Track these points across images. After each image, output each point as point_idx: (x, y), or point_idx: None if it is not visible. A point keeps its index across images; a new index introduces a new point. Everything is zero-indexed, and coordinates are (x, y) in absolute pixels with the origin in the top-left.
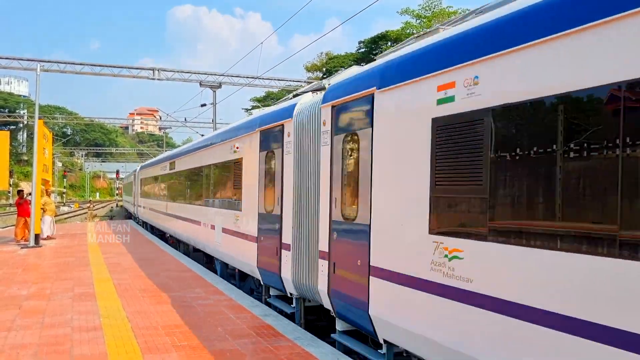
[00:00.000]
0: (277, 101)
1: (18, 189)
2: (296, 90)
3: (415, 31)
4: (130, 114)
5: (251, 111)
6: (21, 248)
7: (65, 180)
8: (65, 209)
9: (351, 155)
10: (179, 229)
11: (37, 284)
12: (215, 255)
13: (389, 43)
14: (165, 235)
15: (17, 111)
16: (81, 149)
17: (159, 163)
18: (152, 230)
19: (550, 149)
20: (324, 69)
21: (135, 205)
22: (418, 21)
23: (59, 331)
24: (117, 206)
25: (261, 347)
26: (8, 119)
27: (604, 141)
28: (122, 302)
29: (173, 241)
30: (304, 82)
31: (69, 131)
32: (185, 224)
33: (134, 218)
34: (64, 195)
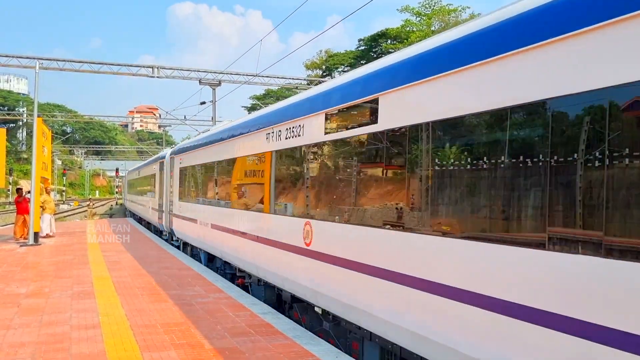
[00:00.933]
0: (278, 99)
1: (17, 187)
2: (296, 87)
3: (415, 29)
4: (129, 112)
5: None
6: (20, 246)
7: (64, 178)
8: (64, 207)
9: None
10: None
11: (36, 282)
12: None
13: (389, 41)
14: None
15: (17, 109)
16: (81, 147)
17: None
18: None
19: None
20: (324, 67)
21: (165, 211)
22: (418, 19)
23: (58, 329)
24: (117, 204)
25: (260, 345)
26: (7, 117)
27: None
28: (121, 300)
29: None
30: (304, 80)
31: (69, 129)
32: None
33: (160, 233)
34: (64, 193)
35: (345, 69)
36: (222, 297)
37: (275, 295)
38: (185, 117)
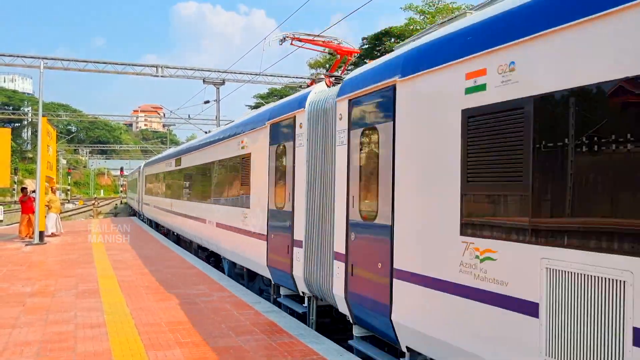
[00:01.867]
0: (282, 98)
1: (22, 187)
2: (300, 86)
3: (418, 27)
4: (134, 111)
5: (260, 106)
6: (25, 245)
7: (69, 177)
8: (69, 206)
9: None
10: None
11: (41, 281)
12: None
13: (392, 39)
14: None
15: (22, 109)
16: (85, 146)
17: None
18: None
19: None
20: (327, 66)
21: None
22: (422, 17)
23: (63, 328)
24: (121, 203)
25: (264, 344)
26: (12, 117)
27: None
28: (126, 299)
29: None
30: (308, 79)
31: (73, 128)
32: None
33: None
34: (69, 192)
35: (349, 68)
36: (226, 296)
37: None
38: (189, 116)
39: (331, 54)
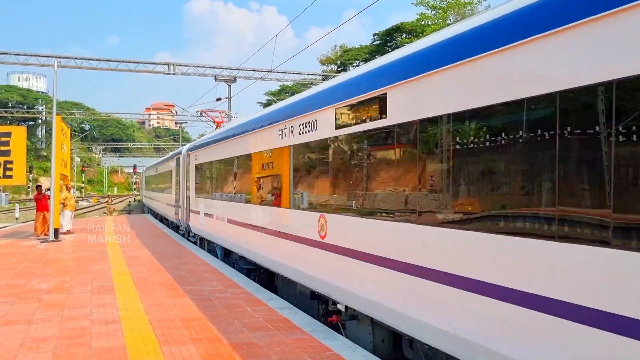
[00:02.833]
0: (292, 94)
1: (37, 184)
2: (311, 82)
3: (430, 22)
4: (146, 109)
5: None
6: (41, 242)
7: (83, 175)
8: (83, 204)
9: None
10: None
11: (57, 278)
12: None
13: (404, 35)
14: None
15: (36, 107)
16: (99, 144)
17: None
18: None
19: None
20: (339, 62)
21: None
22: (433, 12)
23: (79, 324)
24: (135, 200)
25: (277, 340)
26: (27, 115)
27: None
28: (140, 295)
29: None
30: (319, 76)
31: (87, 127)
32: None
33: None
34: (83, 190)
35: (360, 64)
36: (240, 292)
37: None
38: (201, 114)
39: (345, 51)
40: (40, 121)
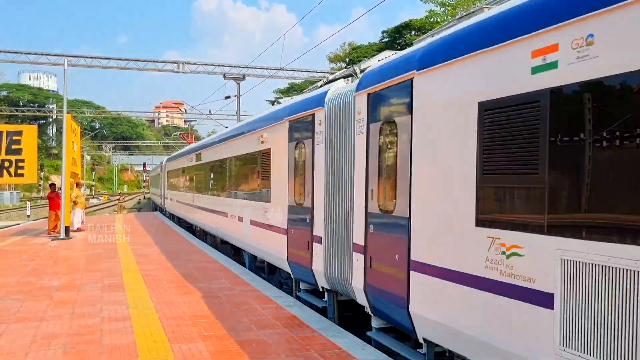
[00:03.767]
0: (303, 91)
1: (50, 183)
2: (320, 80)
3: (439, 19)
4: (156, 107)
5: (279, 100)
6: (52, 240)
7: (93, 173)
8: (94, 202)
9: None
10: None
11: (68, 275)
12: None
13: (413, 32)
14: None
15: (46, 106)
16: (109, 143)
17: None
18: None
19: None
20: (347, 60)
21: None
22: (442, 9)
23: (89, 321)
24: (144, 198)
25: (286, 338)
26: (38, 114)
27: None
28: (150, 293)
29: None
30: (327, 73)
31: (97, 125)
32: None
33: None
34: (93, 188)
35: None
36: (248, 290)
37: None
38: (210, 112)
39: (353, 49)
40: (51, 120)
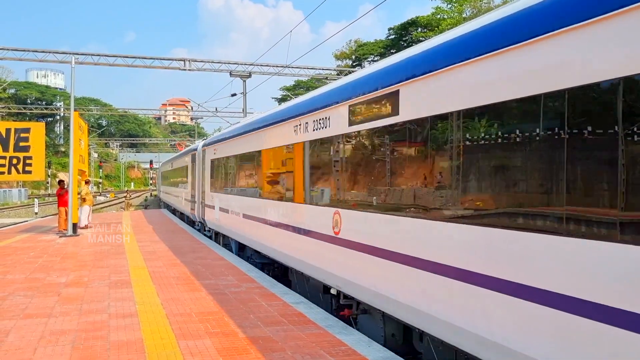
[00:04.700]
0: (308, 90)
1: (59, 180)
2: (326, 77)
3: (446, 16)
4: (162, 105)
5: (287, 98)
6: (59, 237)
7: (101, 170)
8: (101, 199)
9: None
10: None
11: (75, 272)
12: None
13: (419, 29)
14: None
15: (54, 104)
16: (116, 140)
17: None
18: None
19: None
20: (353, 57)
21: None
22: (449, 6)
23: (97, 317)
24: (151, 195)
25: (292, 334)
26: (45, 112)
27: None
28: (157, 290)
29: None
30: (333, 70)
31: (104, 122)
32: None
33: None
34: (100, 185)
35: (375, 59)
36: (255, 287)
37: None
38: (216, 109)
39: (360, 46)
40: (58, 117)
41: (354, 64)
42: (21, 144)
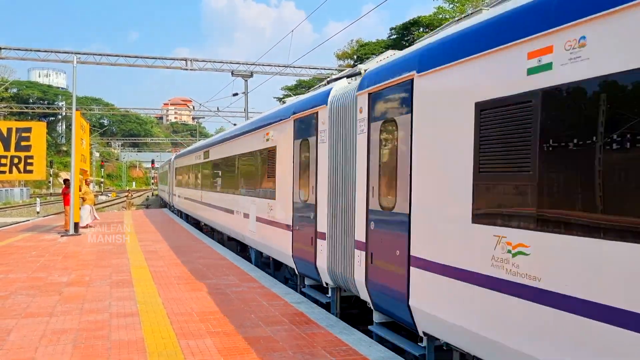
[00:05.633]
0: (309, 89)
1: (64, 179)
2: (328, 77)
3: (448, 16)
4: (164, 105)
5: (284, 99)
6: (61, 236)
7: (102, 170)
8: (102, 198)
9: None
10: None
11: (77, 271)
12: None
13: (421, 29)
14: None
15: (56, 103)
16: (117, 139)
17: None
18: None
19: None
20: (355, 57)
21: None
22: (451, 6)
23: (98, 317)
24: (153, 195)
25: (294, 334)
26: (47, 111)
27: None
28: (158, 289)
29: None
30: (335, 70)
31: (106, 122)
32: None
33: None
34: (102, 184)
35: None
36: (256, 287)
37: None
38: (218, 109)
39: (361, 46)
40: (60, 117)
41: (356, 64)
42: (22, 144)
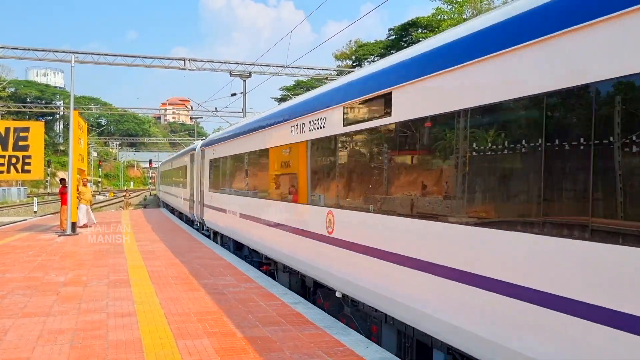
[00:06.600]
0: (308, 90)
1: (61, 178)
2: (326, 78)
3: (446, 17)
4: (162, 104)
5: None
6: (58, 236)
7: (100, 169)
8: (100, 198)
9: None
10: None
11: (74, 271)
12: None
13: (419, 30)
14: None
15: (54, 102)
16: (115, 139)
17: None
18: None
19: None
20: (354, 57)
21: None
22: (449, 7)
23: (95, 317)
24: (150, 195)
25: (291, 335)
26: (45, 110)
27: None
28: (156, 289)
29: None
30: (333, 71)
31: (104, 121)
32: None
33: None
34: (99, 184)
35: (375, 59)
36: (254, 287)
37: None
38: (216, 109)
39: (360, 46)
40: (58, 116)
41: (354, 64)
42: (20, 143)
